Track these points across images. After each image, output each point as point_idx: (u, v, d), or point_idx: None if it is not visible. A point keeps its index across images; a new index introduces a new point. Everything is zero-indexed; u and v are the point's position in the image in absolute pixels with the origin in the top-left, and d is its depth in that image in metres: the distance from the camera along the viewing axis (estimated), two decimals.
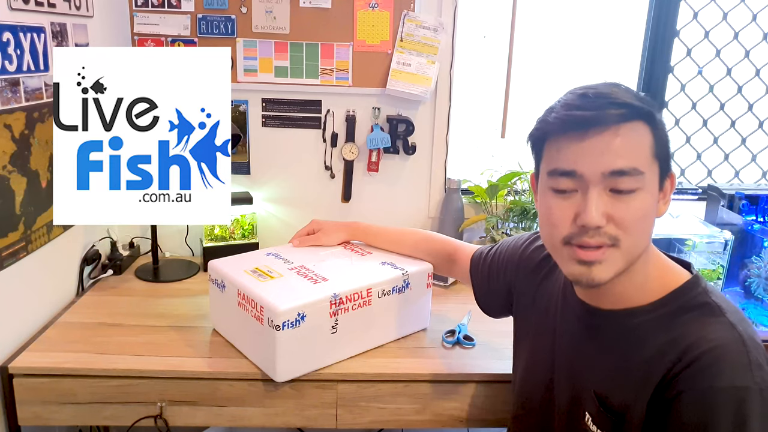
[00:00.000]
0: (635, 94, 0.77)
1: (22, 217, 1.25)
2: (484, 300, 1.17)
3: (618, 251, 0.76)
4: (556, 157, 0.78)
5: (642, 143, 0.75)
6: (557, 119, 0.77)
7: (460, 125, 1.82)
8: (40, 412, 1.18)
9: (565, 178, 0.77)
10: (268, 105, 1.73)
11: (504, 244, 1.14)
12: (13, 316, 1.25)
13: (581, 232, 0.76)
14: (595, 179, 0.74)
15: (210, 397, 1.18)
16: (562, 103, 0.78)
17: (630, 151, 0.74)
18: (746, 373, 0.70)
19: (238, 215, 1.71)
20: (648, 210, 0.76)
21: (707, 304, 0.78)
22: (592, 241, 0.75)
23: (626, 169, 0.73)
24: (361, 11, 1.65)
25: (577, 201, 0.76)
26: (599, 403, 0.82)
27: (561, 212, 0.78)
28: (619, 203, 0.74)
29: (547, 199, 0.80)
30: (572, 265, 0.78)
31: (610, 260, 0.76)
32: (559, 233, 0.78)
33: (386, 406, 1.20)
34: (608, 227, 0.75)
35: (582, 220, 0.75)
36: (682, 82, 1.88)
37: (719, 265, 1.54)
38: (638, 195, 0.75)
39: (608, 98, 0.74)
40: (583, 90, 0.77)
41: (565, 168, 0.76)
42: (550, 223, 0.79)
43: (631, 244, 0.76)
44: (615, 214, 0.74)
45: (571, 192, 0.77)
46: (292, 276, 1.21)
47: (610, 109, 0.73)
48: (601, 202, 0.74)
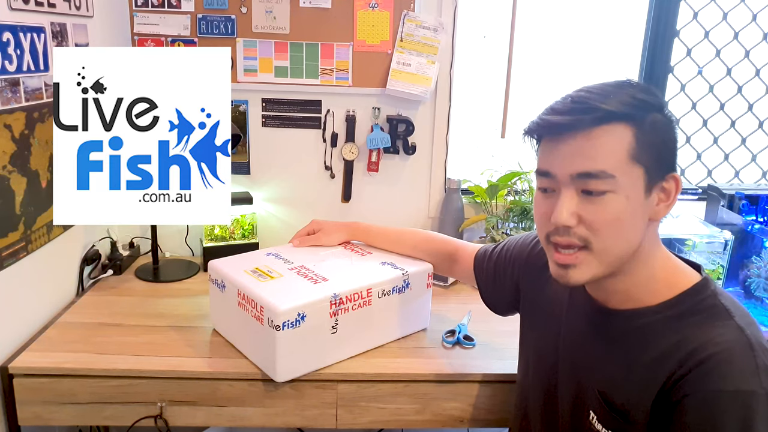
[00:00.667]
0: (630, 94, 0.76)
1: (22, 217, 1.25)
2: (490, 297, 1.17)
3: (591, 254, 0.78)
4: (540, 158, 0.82)
5: (615, 146, 0.75)
6: (537, 123, 0.81)
7: (460, 125, 1.82)
8: (40, 412, 1.18)
9: (544, 178, 0.81)
10: (268, 105, 1.73)
11: (510, 242, 1.15)
12: (13, 316, 1.25)
13: (555, 232, 0.80)
14: (566, 180, 0.77)
15: (210, 397, 1.18)
16: (551, 105, 0.81)
17: (599, 154, 0.75)
18: (753, 377, 0.70)
19: (238, 215, 1.71)
20: (623, 213, 0.76)
21: (715, 307, 0.78)
22: (562, 240, 0.79)
23: (593, 172, 0.75)
24: (361, 11, 1.65)
25: (553, 201, 0.80)
26: (603, 401, 0.82)
27: (542, 210, 0.82)
28: (590, 205, 0.77)
29: (535, 197, 0.85)
30: (552, 264, 0.83)
31: (584, 263, 0.79)
32: (542, 230, 0.83)
33: (386, 406, 1.20)
34: (578, 228, 0.77)
35: (552, 218, 0.78)
36: (682, 82, 1.88)
37: (719, 265, 1.54)
38: (609, 198, 0.76)
39: (586, 103, 0.76)
40: (573, 92, 0.80)
41: (542, 168, 0.81)
42: (536, 220, 0.85)
43: (605, 247, 0.77)
44: (585, 215, 0.77)
45: (551, 192, 0.81)
46: (292, 276, 1.21)
47: (585, 113, 0.75)
48: (572, 203, 0.77)
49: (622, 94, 0.76)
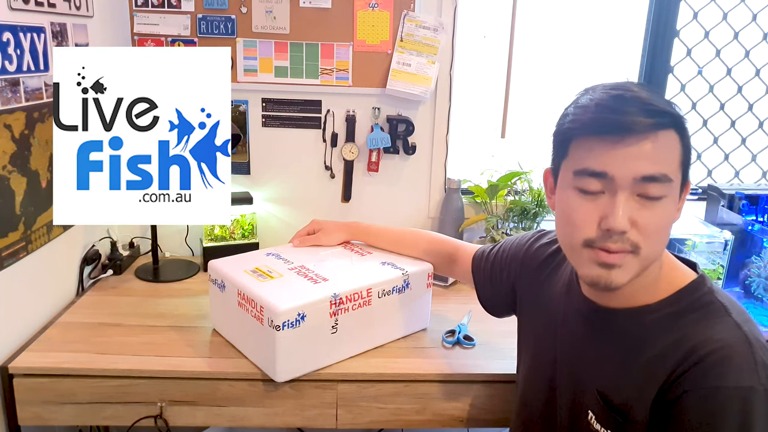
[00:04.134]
0: (666, 100, 0.77)
1: (22, 217, 1.25)
2: (487, 299, 1.17)
3: (636, 258, 0.76)
4: (585, 157, 0.76)
5: (673, 151, 0.75)
6: (593, 120, 0.75)
7: (460, 125, 1.82)
8: (40, 412, 1.18)
9: (593, 179, 0.75)
10: (268, 105, 1.73)
11: (507, 243, 1.14)
12: (13, 316, 1.25)
13: (605, 236, 0.75)
14: (626, 183, 0.73)
15: (210, 397, 1.18)
16: (595, 102, 0.76)
17: (662, 158, 0.74)
18: (752, 373, 0.70)
19: (238, 215, 1.71)
20: (670, 218, 0.77)
21: (713, 304, 0.78)
22: (614, 246, 0.75)
23: (657, 176, 0.73)
24: (361, 11, 1.65)
25: (603, 204, 0.75)
26: (602, 401, 0.82)
27: (585, 214, 0.76)
28: (645, 210, 0.74)
29: (570, 198, 0.79)
30: (591, 267, 0.77)
31: (628, 266, 0.76)
32: (580, 235, 0.77)
33: (386, 406, 1.20)
34: (631, 233, 0.74)
35: (608, 224, 0.74)
36: (682, 82, 1.88)
37: (719, 265, 1.54)
38: (664, 202, 0.75)
39: (645, 103, 0.73)
40: (617, 91, 0.76)
41: (596, 169, 0.75)
42: (572, 224, 0.78)
43: (650, 252, 0.76)
44: (640, 220, 0.74)
45: (598, 194, 0.76)
46: (292, 276, 1.21)
47: (648, 115, 0.72)
48: (628, 207, 0.74)
49: (662, 98, 0.76)
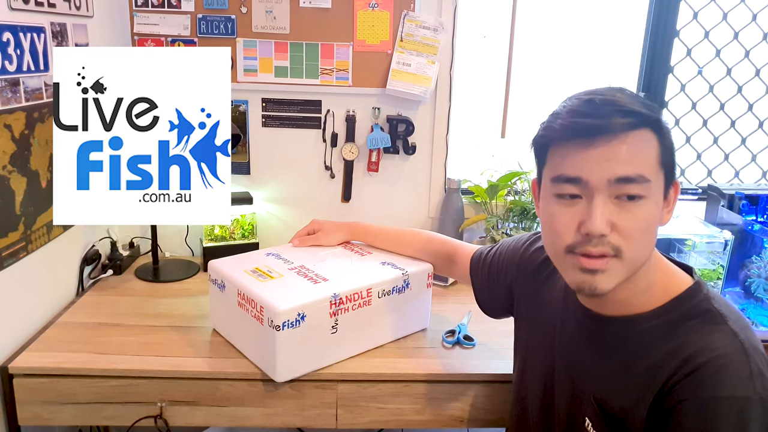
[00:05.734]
0: (641, 100, 0.76)
1: (22, 217, 1.25)
2: (485, 301, 1.17)
3: (620, 262, 0.75)
4: (560, 164, 0.77)
5: (649, 151, 0.74)
6: (563, 126, 0.75)
7: (460, 125, 1.82)
8: (40, 412, 1.18)
9: (569, 185, 0.76)
10: (268, 105, 1.73)
11: (504, 244, 1.14)
12: (13, 316, 1.25)
13: (585, 241, 0.75)
14: (601, 186, 0.73)
15: (210, 397, 1.18)
16: (567, 109, 0.76)
17: (637, 158, 0.73)
18: (747, 382, 0.70)
19: (238, 215, 1.71)
20: (652, 220, 0.76)
21: (709, 312, 0.77)
22: (594, 250, 0.74)
23: (633, 176, 0.73)
24: (361, 11, 1.65)
25: (581, 209, 0.75)
26: (598, 408, 0.82)
27: (564, 220, 0.76)
28: (624, 212, 0.74)
29: (550, 206, 0.79)
30: (575, 273, 0.77)
31: (612, 270, 0.75)
32: (562, 241, 0.77)
33: (386, 406, 1.20)
34: (612, 236, 0.74)
35: (586, 228, 0.74)
36: (682, 82, 1.88)
37: (719, 265, 1.54)
38: (643, 203, 0.74)
39: (615, 105, 0.73)
40: (589, 96, 0.76)
41: (570, 174, 0.75)
42: (553, 231, 0.78)
43: (634, 256, 0.75)
44: (619, 223, 0.73)
45: (575, 199, 0.76)
46: (292, 276, 1.21)
47: (618, 116, 0.72)
48: (606, 210, 0.73)
49: (636, 99, 0.76)
